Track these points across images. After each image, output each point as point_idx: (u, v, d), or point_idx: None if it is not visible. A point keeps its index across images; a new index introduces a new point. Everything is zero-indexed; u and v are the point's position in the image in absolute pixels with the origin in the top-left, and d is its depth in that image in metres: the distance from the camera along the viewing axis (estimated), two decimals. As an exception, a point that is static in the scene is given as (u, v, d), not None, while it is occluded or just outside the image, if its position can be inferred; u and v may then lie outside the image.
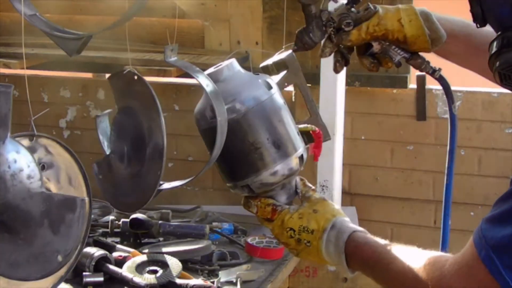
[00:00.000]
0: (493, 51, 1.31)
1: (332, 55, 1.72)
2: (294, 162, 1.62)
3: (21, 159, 1.60)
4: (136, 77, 1.91)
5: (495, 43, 1.30)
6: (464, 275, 1.33)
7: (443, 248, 1.76)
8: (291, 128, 1.63)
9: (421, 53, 1.68)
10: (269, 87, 1.63)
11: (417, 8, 1.65)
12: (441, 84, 1.71)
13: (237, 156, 1.62)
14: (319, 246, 1.56)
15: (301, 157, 1.64)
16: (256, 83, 1.63)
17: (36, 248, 1.64)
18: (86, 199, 1.66)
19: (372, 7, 1.63)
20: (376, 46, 1.66)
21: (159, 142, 1.83)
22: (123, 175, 2.01)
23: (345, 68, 2.97)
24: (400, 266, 1.46)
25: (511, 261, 1.26)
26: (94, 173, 1.97)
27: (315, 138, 1.70)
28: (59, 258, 1.66)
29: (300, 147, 1.64)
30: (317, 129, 1.71)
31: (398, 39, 1.63)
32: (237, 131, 1.59)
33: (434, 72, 1.68)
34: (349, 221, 1.59)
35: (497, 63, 1.30)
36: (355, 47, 1.70)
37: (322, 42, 1.69)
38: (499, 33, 1.31)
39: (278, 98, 1.63)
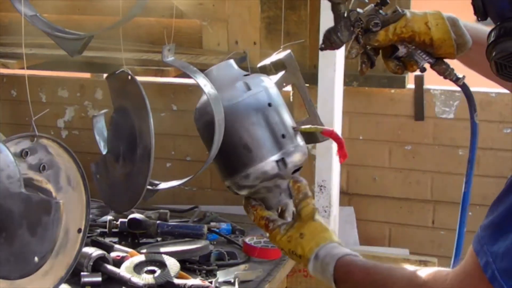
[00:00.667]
0: (490, 41, 1.32)
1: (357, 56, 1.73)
2: (268, 166, 1.60)
3: (1, 160, 1.60)
4: (129, 77, 1.91)
5: (492, 33, 1.31)
6: (467, 286, 1.32)
7: (456, 256, 1.74)
8: (271, 131, 1.61)
9: (445, 60, 1.68)
10: (248, 88, 1.62)
11: (445, 13, 1.66)
12: (464, 92, 1.71)
13: (217, 158, 1.62)
14: (308, 271, 1.55)
15: (281, 160, 1.61)
16: (234, 84, 1.63)
17: (16, 248, 1.65)
18: (61, 201, 1.65)
19: (400, 10, 1.65)
20: (401, 50, 1.66)
21: (147, 143, 1.83)
22: (118, 175, 2.02)
23: (343, 68, 2.99)
24: (398, 286, 1.43)
25: (507, 265, 1.26)
26: (92, 173, 1.97)
27: (334, 140, 1.67)
28: (36, 259, 1.66)
29: (280, 151, 1.61)
30: (328, 129, 1.67)
31: (424, 42, 1.64)
32: (212, 133, 1.59)
33: (457, 80, 1.69)
34: (335, 246, 1.54)
35: (494, 52, 1.31)
36: (380, 50, 1.71)
37: (349, 46, 1.69)
38: (497, 23, 1.31)
39: (258, 100, 1.62)
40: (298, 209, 1.58)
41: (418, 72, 1.70)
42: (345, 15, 1.64)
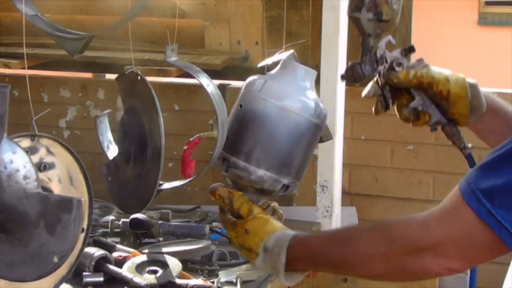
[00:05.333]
0: None
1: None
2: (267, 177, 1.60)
3: (17, 160, 1.61)
4: (139, 77, 1.91)
5: None
6: (446, 222, 1.32)
7: None
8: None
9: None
10: (317, 113, 1.63)
11: (467, 78, 1.69)
12: (469, 164, 1.71)
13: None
14: (254, 265, 1.56)
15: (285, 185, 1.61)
16: (305, 93, 1.66)
17: (32, 249, 1.64)
18: (83, 199, 1.66)
19: (424, 61, 1.68)
20: (417, 100, 1.69)
21: (158, 142, 1.83)
22: (129, 176, 2.02)
23: (344, 68, 2.98)
24: (364, 235, 1.43)
25: (505, 201, 1.26)
26: (104, 174, 1.97)
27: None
28: (55, 259, 1.66)
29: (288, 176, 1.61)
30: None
31: (441, 93, 1.66)
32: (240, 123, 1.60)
33: (465, 148, 1.71)
34: (281, 233, 1.53)
35: None
36: (396, 101, 1.73)
37: (369, 85, 1.72)
38: None
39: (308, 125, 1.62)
40: (235, 211, 1.58)
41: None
42: (372, 51, 1.67)
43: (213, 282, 2.30)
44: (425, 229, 1.33)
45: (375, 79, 1.71)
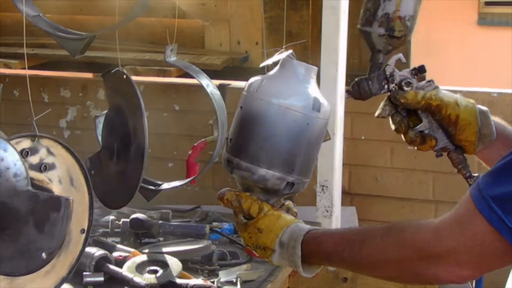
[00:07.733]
0: None
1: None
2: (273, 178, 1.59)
3: (8, 158, 1.62)
4: (124, 76, 1.93)
5: None
6: (457, 230, 1.31)
7: None
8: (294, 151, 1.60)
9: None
10: (317, 110, 1.63)
11: (477, 105, 1.65)
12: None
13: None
14: (271, 262, 1.55)
15: (290, 183, 1.60)
16: (307, 92, 1.66)
17: (21, 245, 1.67)
18: (71, 198, 1.67)
19: (434, 83, 1.64)
20: (425, 123, 1.65)
21: (141, 141, 1.84)
22: (111, 172, 2.03)
23: (345, 68, 2.99)
24: (376, 239, 1.42)
25: None
26: (87, 168, 1.97)
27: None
28: (43, 255, 1.68)
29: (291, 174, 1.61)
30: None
31: (450, 117, 1.62)
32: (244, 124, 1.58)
33: (470, 177, 1.66)
34: (295, 227, 1.53)
35: None
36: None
37: (382, 104, 1.70)
38: None
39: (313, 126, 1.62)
40: (245, 212, 1.57)
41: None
42: (381, 67, 1.64)
43: (213, 282, 2.30)
44: (437, 237, 1.33)
45: (386, 98, 1.67)
